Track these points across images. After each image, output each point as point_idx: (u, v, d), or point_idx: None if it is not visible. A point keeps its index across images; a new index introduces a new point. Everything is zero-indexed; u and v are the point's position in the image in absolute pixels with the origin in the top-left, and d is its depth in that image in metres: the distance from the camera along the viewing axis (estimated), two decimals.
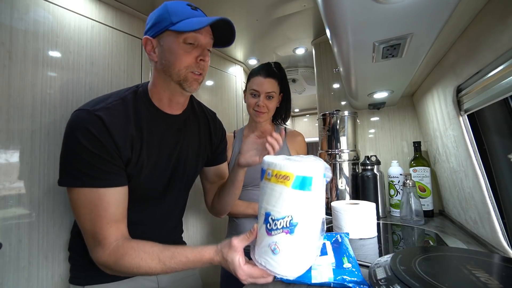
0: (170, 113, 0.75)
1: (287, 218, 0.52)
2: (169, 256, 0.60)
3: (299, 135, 1.19)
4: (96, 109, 0.62)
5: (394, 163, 1.25)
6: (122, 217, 0.65)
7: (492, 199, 0.74)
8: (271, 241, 0.53)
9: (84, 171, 0.60)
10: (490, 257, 0.55)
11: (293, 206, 0.52)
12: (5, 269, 0.74)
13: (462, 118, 0.83)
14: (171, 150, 0.76)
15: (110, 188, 0.62)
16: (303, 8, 1.26)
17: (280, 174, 0.53)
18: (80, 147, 0.59)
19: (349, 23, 0.56)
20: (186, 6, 0.67)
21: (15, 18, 0.80)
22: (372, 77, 0.93)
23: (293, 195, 0.52)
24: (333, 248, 0.70)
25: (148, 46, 0.68)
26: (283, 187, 0.52)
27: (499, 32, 0.57)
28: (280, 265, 0.53)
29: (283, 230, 0.52)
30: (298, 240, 0.53)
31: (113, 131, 0.62)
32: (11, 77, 0.78)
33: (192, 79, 0.69)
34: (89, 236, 0.62)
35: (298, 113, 4.23)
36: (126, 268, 0.60)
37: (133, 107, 0.69)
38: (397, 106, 1.43)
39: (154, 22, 0.67)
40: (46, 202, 0.84)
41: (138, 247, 0.61)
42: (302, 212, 0.53)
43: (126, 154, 0.65)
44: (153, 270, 0.60)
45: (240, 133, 1.17)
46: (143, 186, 0.71)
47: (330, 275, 0.57)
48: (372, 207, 0.93)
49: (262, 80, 1.05)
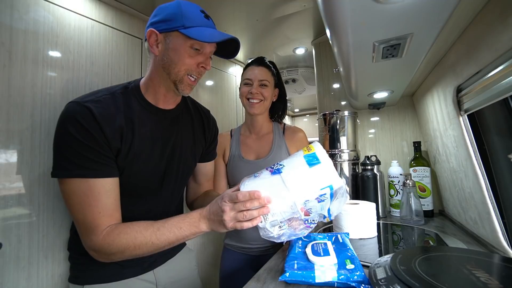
0: (163, 107, 0.77)
1: (277, 165, 0.64)
2: (161, 223, 0.65)
3: (300, 131, 1.13)
4: (85, 100, 0.64)
5: (394, 163, 1.25)
6: (114, 208, 0.66)
7: (492, 199, 0.74)
8: (259, 171, 0.66)
9: (73, 161, 0.61)
10: (490, 257, 0.55)
11: (292, 162, 0.63)
12: (5, 269, 0.74)
13: (462, 118, 0.83)
14: (165, 143, 0.77)
15: (100, 178, 0.63)
16: (303, 8, 1.26)
17: (310, 147, 0.65)
18: (70, 137, 0.61)
19: (349, 23, 0.56)
20: (200, 13, 0.69)
21: (15, 18, 0.80)
22: (372, 77, 0.93)
23: (299, 159, 0.62)
24: (334, 249, 0.70)
25: (152, 39, 0.69)
26: (300, 152, 0.65)
27: (499, 32, 0.57)
28: (249, 186, 0.62)
29: (271, 169, 0.63)
30: (273, 181, 0.61)
31: (102, 122, 0.63)
32: (11, 77, 0.78)
33: (187, 83, 0.72)
34: (81, 226, 0.63)
35: (298, 113, 4.23)
36: (123, 246, 0.61)
37: (123, 101, 0.70)
38: (397, 106, 1.43)
39: (164, 18, 0.67)
40: (46, 202, 0.84)
41: (132, 224, 0.64)
42: (292, 170, 0.62)
43: (115, 144, 0.66)
44: (148, 239, 0.62)
45: (237, 132, 1.15)
46: (137, 179, 0.72)
47: (333, 275, 0.58)
48: (372, 207, 0.93)
49: (254, 68, 1.04)
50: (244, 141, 1.11)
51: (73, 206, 0.63)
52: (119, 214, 0.67)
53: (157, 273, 0.82)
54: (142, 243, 0.62)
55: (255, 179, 0.63)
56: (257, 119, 1.09)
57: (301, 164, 0.61)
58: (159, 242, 0.63)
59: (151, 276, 0.81)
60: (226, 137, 1.13)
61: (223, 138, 1.12)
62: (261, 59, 1.08)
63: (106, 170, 0.65)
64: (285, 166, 0.62)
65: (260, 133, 1.12)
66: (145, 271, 0.80)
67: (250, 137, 1.12)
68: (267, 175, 0.63)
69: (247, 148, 1.09)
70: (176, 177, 0.82)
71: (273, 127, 1.13)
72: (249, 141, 1.11)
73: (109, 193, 0.65)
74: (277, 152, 1.06)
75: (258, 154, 1.08)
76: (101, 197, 0.63)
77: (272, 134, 1.11)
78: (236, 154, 1.08)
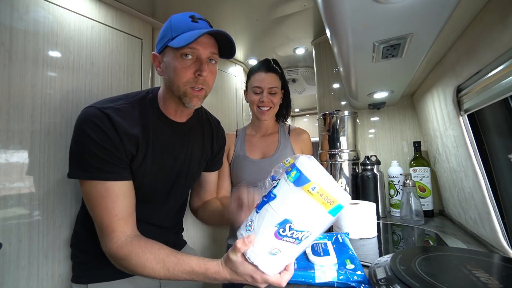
0: (176, 120, 0.77)
1: (306, 234, 0.51)
2: (174, 262, 0.59)
3: (304, 132, 1.16)
4: (105, 107, 0.65)
5: (394, 163, 1.25)
6: (130, 211, 0.66)
7: (492, 199, 0.74)
8: (276, 245, 0.52)
9: (91, 163, 0.61)
10: (490, 257, 0.55)
11: (318, 225, 0.52)
12: (5, 269, 0.74)
13: (462, 118, 0.82)
14: (176, 156, 0.77)
15: (117, 181, 0.64)
16: (303, 8, 1.26)
17: (327, 195, 0.49)
18: (87, 139, 0.61)
19: (349, 23, 0.56)
20: (187, 19, 0.66)
21: (15, 18, 0.80)
22: (372, 77, 0.93)
23: (325, 218, 0.51)
24: (335, 249, 0.70)
25: (156, 61, 0.71)
26: (322, 209, 0.50)
27: (499, 32, 0.57)
28: (271, 266, 0.54)
29: (294, 241, 0.52)
30: (299, 250, 0.54)
31: (118, 128, 0.64)
32: (11, 77, 0.78)
33: (192, 95, 0.68)
34: (99, 228, 0.64)
35: (298, 113, 4.23)
36: (132, 266, 0.60)
37: (140, 112, 0.70)
38: (397, 106, 1.43)
39: (160, 37, 0.69)
40: (46, 202, 0.84)
41: (146, 247, 0.61)
42: (319, 231, 0.53)
43: (131, 150, 0.66)
44: (156, 273, 0.60)
45: (242, 132, 1.15)
46: (146, 189, 0.72)
47: (334, 275, 0.58)
48: (372, 207, 0.93)
49: (263, 76, 1.03)
50: (249, 140, 1.12)
51: (91, 207, 0.64)
52: (134, 219, 0.67)
53: None
54: (150, 274, 0.60)
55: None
56: (265, 122, 1.10)
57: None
58: (165, 278, 0.61)
59: None
60: (231, 137, 1.13)
61: (228, 138, 1.12)
62: (268, 63, 1.06)
63: (123, 173, 0.65)
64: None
65: (266, 133, 1.13)
66: None
67: (256, 136, 1.13)
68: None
69: (252, 147, 1.10)
70: (182, 188, 0.83)
71: (278, 127, 1.15)
72: (254, 140, 1.12)
73: (125, 196, 0.65)
74: (282, 152, 1.07)
75: (264, 153, 1.09)
76: (118, 199, 0.63)
77: (278, 134, 1.13)
78: (241, 154, 1.08)
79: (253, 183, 1.05)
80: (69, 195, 0.89)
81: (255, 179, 1.04)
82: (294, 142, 1.11)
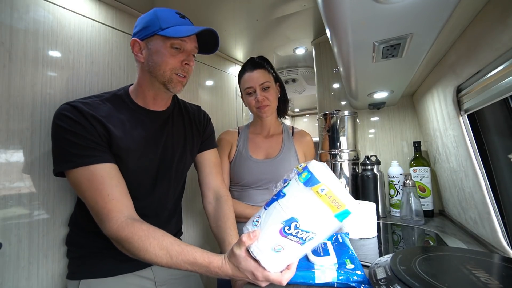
0: (154, 109, 0.81)
1: (311, 235, 0.52)
2: (178, 251, 0.60)
3: (307, 135, 1.17)
4: (73, 101, 0.69)
5: (394, 163, 1.25)
6: (122, 192, 0.67)
7: (492, 199, 0.74)
8: (280, 242, 0.53)
9: (71, 152, 0.64)
10: (490, 257, 0.55)
11: (324, 228, 0.52)
12: (5, 269, 0.74)
13: (462, 118, 0.83)
14: (157, 143, 0.80)
15: (100, 164, 0.66)
16: (303, 8, 1.26)
17: (335, 198, 0.50)
18: (61, 130, 0.65)
19: (349, 23, 0.56)
20: (175, 14, 0.73)
21: (15, 18, 0.80)
22: (372, 77, 0.93)
23: (331, 221, 0.51)
24: (335, 249, 0.70)
25: (136, 47, 0.74)
26: (329, 211, 0.50)
27: (499, 32, 0.57)
28: (273, 263, 0.54)
29: (298, 240, 0.52)
30: (303, 251, 0.54)
31: (87, 115, 0.67)
32: (11, 77, 0.78)
33: (177, 81, 0.75)
34: (95, 213, 0.65)
35: (298, 113, 4.23)
36: (135, 249, 0.61)
37: (112, 105, 0.74)
38: (397, 106, 1.43)
39: (143, 26, 0.72)
40: (46, 202, 0.84)
41: (149, 231, 0.62)
42: (324, 235, 0.53)
43: (103, 132, 0.69)
44: (158, 259, 0.60)
45: (245, 130, 1.14)
46: (130, 177, 0.72)
47: (333, 275, 0.58)
48: (372, 207, 0.93)
49: (251, 74, 1.01)
50: (252, 139, 1.11)
51: (83, 195, 0.65)
52: (129, 202, 0.67)
53: (155, 270, 0.83)
54: (151, 259, 0.60)
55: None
56: (266, 120, 1.09)
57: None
58: (167, 265, 0.61)
59: (149, 272, 0.81)
60: (233, 134, 1.12)
61: (230, 135, 1.11)
62: (252, 61, 1.05)
63: (104, 156, 0.67)
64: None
65: (270, 133, 1.12)
66: (143, 267, 0.80)
67: (259, 136, 1.12)
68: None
69: (255, 147, 1.09)
70: (170, 175, 0.83)
71: (282, 128, 1.15)
72: (257, 140, 1.11)
73: (112, 176, 0.66)
74: (286, 153, 1.06)
75: (268, 153, 1.08)
76: (105, 180, 0.65)
77: (282, 136, 1.13)
78: (243, 152, 1.07)
79: (254, 183, 1.05)
80: (69, 195, 0.89)
81: (257, 179, 1.04)
82: (298, 144, 1.11)
